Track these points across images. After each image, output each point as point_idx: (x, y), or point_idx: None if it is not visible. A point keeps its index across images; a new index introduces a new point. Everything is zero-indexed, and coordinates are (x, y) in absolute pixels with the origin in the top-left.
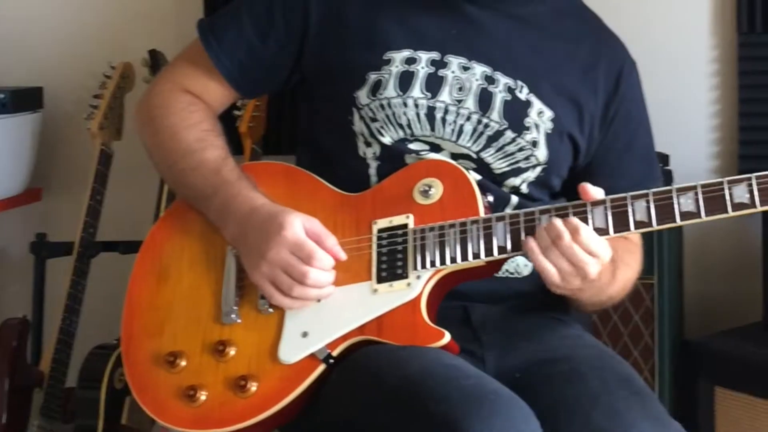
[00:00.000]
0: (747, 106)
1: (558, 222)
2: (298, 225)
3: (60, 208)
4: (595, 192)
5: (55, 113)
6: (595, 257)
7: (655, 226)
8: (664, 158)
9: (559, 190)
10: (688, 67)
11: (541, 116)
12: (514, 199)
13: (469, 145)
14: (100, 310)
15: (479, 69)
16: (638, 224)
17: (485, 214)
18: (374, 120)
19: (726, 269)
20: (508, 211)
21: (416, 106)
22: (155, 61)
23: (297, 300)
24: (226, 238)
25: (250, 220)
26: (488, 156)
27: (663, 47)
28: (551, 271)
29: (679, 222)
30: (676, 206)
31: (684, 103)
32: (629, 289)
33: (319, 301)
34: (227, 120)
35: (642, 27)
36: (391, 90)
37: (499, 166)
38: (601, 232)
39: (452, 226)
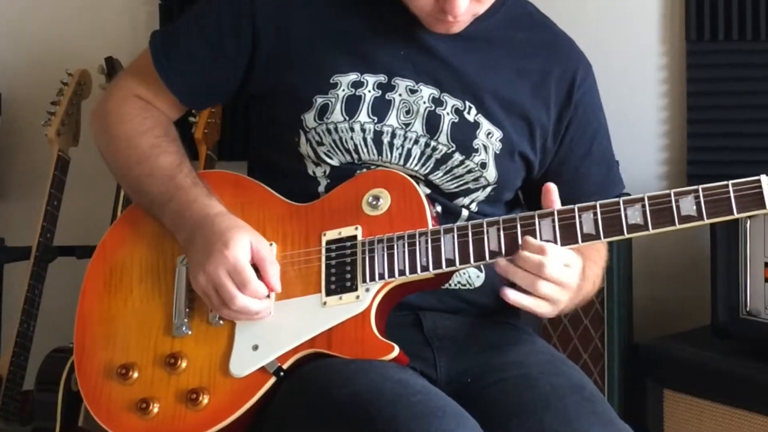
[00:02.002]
0: (695, 113)
1: (528, 255)
2: (243, 247)
3: (17, 213)
4: (557, 200)
5: (12, 119)
6: (563, 287)
7: (603, 239)
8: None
9: (513, 199)
10: (638, 74)
11: (489, 137)
12: (465, 213)
13: (417, 168)
14: (57, 313)
15: (427, 91)
16: (585, 237)
17: (433, 225)
18: (320, 144)
19: (674, 274)
20: (458, 223)
21: (363, 130)
22: (111, 69)
23: (228, 317)
24: (180, 243)
25: (200, 228)
26: (437, 179)
27: (613, 55)
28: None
29: (626, 235)
30: (623, 218)
31: (633, 110)
32: (599, 284)
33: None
34: (182, 126)
35: (591, 34)
36: (338, 114)
37: (448, 187)
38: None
39: (400, 238)
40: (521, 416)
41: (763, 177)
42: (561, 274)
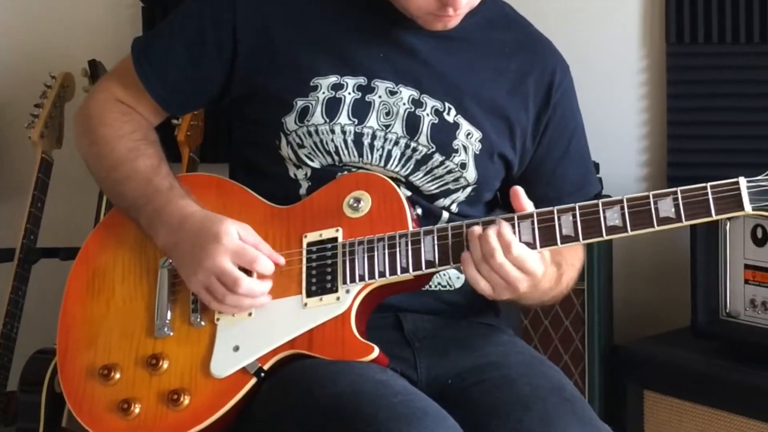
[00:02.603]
0: (675, 115)
1: (492, 237)
2: (234, 232)
3: (1, 215)
4: (526, 202)
5: None
6: (527, 274)
7: (582, 241)
8: (594, 166)
9: (493, 200)
10: (618, 76)
11: (469, 137)
12: (445, 214)
13: (397, 169)
14: (41, 315)
15: (406, 93)
16: (564, 238)
17: (414, 227)
18: (301, 146)
19: (655, 275)
20: (438, 225)
21: (344, 132)
22: (94, 72)
23: (231, 307)
24: (157, 247)
25: (182, 229)
26: (417, 180)
27: (593, 57)
28: (481, 284)
29: (605, 236)
30: (602, 220)
31: (614, 112)
32: (572, 287)
33: (250, 315)
34: (165, 128)
35: (572, 37)
36: (318, 117)
37: (428, 188)
38: (528, 246)
39: (381, 239)
40: (501, 417)
41: (741, 179)
42: (524, 260)
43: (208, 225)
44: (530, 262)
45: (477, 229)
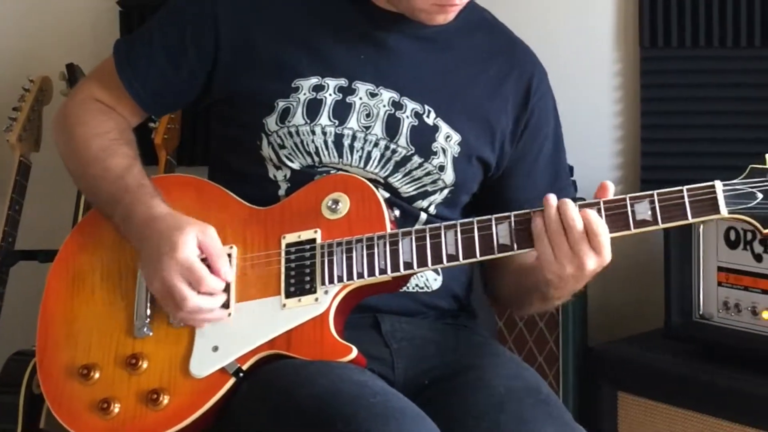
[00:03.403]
0: (649, 118)
1: (574, 209)
2: (190, 246)
3: None
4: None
5: None
6: (597, 254)
7: None
8: (569, 169)
9: (469, 202)
10: (592, 80)
11: (448, 140)
12: (423, 216)
13: (377, 171)
14: (19, 317)
15: (387, 95)
16: None
17: (391, 228)
18: (282, 147)
19: (628, 278)
20: (416, 226)
21: (324, 133)
22: (72, 75)
23: (183, 321)
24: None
25: (145, 232)
26: (396, 181)
27: (567, 61)
28: (547, 253)
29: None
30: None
31: (588, 116)
32: None
33: (229, 315)
34: (142, 131)
35: (546, 41)
36: (299, 118)
37: (406, 190)
38: (505, 248)
39: (359, 241)
40: (477, 417)
41: (717, 182)
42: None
43: (169, 232)
44: (605, 240)
45: (449, 236)
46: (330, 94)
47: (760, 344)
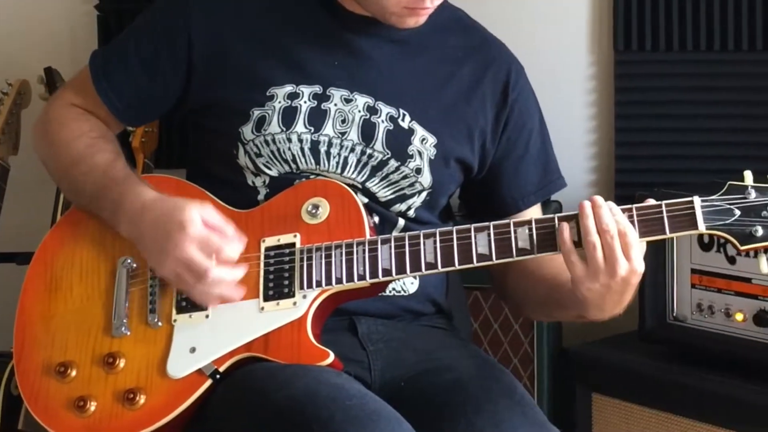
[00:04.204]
0: (623, 122)
1: (608, 214)
2: (198, 219)
3: None
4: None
5: None
6: (630, 262)
7: (537, 254)
8: None
9: (447, 206)
10: (567, 84)
11: (424, 143)
12: (401, 222)
13: (354, 176)
14: None
15: (361, 100)
16: (520, 251)
17: (371, 235)
18: (259, 155)
19: None
20: (395, 233)
21: (300, 140)
22: (51, 79)
23: (202, 295)
24: (122, 235)
25: (144, 218)
26: (373, 185)
27: (541, 64)
28: (578, 267)
29: (559, 250)
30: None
31: (562, 119)
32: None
33: (207, 317)
34: (120, 135)
35: (520, 44)
36: (275, 126)
37: (384, 194)
38: (484, 258)
39: (338, 246)
40: (453, 419)
41: (695, 198)
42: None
43: (171, 212)
44: (637, 251)
45: (428, 245)
46: (305, 102)
47: (733, 346)
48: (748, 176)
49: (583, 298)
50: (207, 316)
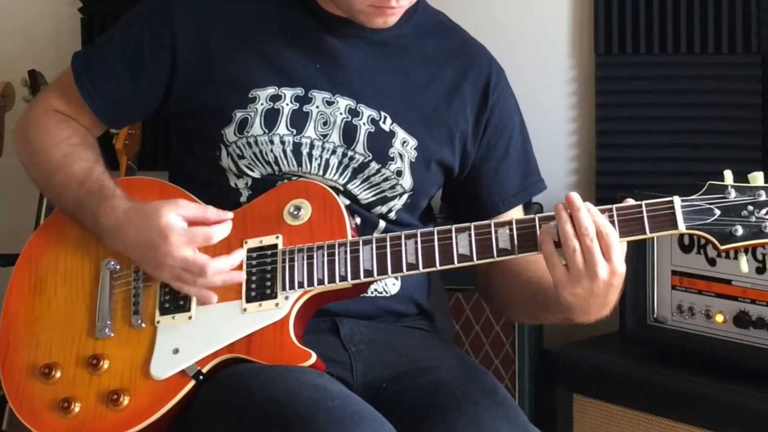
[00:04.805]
0: (604, 124)
1: (587, 215)
2: (176, 220)
3: None
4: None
5: None
6: (609, 263)
7: (518, 254)
8: None
9: (428, 208)
10: (548, 87)
11: (405, 145)
12: (382, 224)
13: (335, 178)
14: None
15: (343, 102)
16: (501, 252)
17: (353, 236)
18: (241, 157)
19: None
20: (376, 235)
21: (282, 143)
22: (34, 81)
23: (205, 290)
24: (108, 249)
25: (123, 232)
26: (354, 187)
27: (523, 67)
28: (559, 269)
29: (539, 250)
30: (538, 234)
31: (543, 122)
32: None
33: (190, 318)
34: (103, 137)
35: (502, 47)
36: (257, 128)
37: (365, 196)
38: (465, 258)
39: (320, 248)
40: (434, 420)
41: (675, 198)
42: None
43: (148, 223)
44: (617, 252)
45: (409, 246)
46: (287, 104)
47: (713, 347)
48: (728, 176)
49: (567, 302)
50: (190, 318)
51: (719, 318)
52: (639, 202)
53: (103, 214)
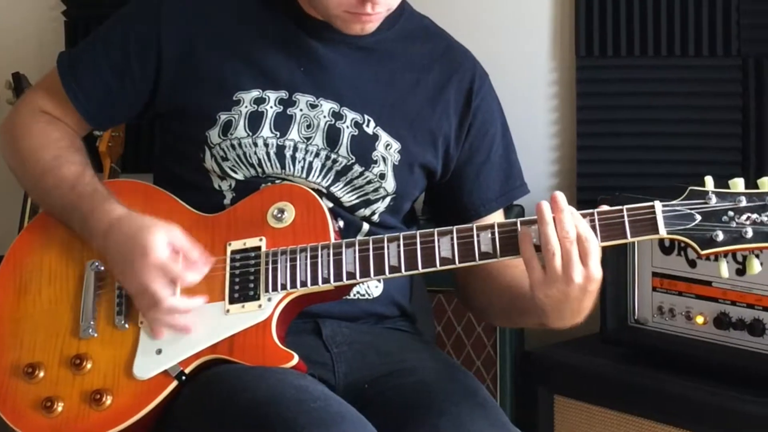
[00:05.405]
0: (585, 126)
1: (570, 220)
2: (161, 246)
3: None
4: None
5: None
6: (586, 268)
7: (500, 257)
8: None
9: (411, 210)
10: (529, 89)
11: (388, 149)
12: (365, 226)
13: (318, 180)
14: None
15: (327, 106)
16: (483, 255)
17: (336, 239)
18: (225, 159)
19: None
20: (359, 237)
21: (266, 145)
22: (18, 84)
23: (153, 321)
24: (94, 250)
25: (110, 237)
26: (338, 190)
27: (504, 70)
28: (537, 271)
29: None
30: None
31: (525, 124)
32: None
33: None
34: (87, 139)
35: (483, 50)
36: (241, 130)
37: (348, 199)
38: (447, 261)
39: (303, 250)
40: (416, 421)
41: (656, 203)
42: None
43: (136, 234)
44: (595, 259)
45: (392, 248)
46: (271, 107)
47: (693, 348)
48: (709, 182)
49: (541, 305)
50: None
51: (700, 319)
52: (620, 207)
53: (96, 217)
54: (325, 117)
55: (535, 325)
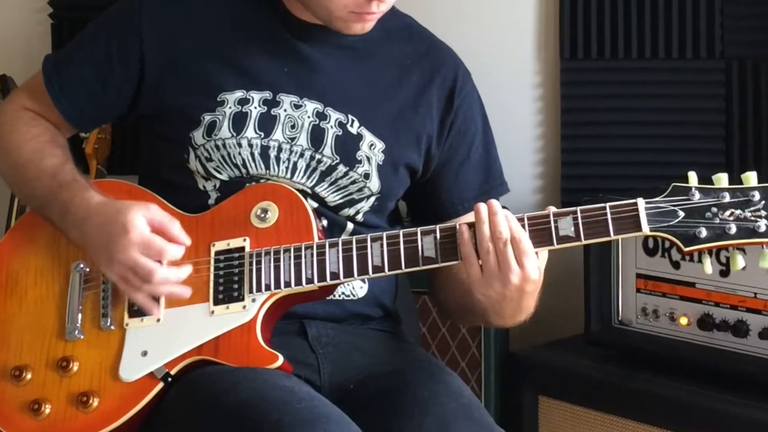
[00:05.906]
0: (569, 129)
1: (503, 222)
2: (141, 222)
3: None
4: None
5: None
6: (522, 270)
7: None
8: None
9: (395, 210)
10: (513, 91)
11: (372, 148)
12: (350, 225)
13: (303, 181)
14: None
15: (311, 106)
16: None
17: (319, 238)
18: (209, 160)
19: (549, 284)
20: (343, 237)
21: (250, 146)
22: (5, 86)
23: (149, 296)
24: (71, 241)
25: (89, 221)
26: (322, 190)
27: (488, 72)
28: (474, 268)
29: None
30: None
31: (509, 126)
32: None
33: (159, 320)
34: (73, 141)
35: (467, 52)
36: (225, 131)
37: (333, 199)
38: (430, 261)
39: (287, 250)
40: (401, 421)
41: (639, 200)
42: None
43: (114, 215)
44: (531, 260)
45: (375, 248)
46: (255, 107)
47: (677, 349)
48: (693, 177)
49: (480, 304)
50: (158, 320)
51: (683, 320)
52: (603, 204)
53: (75, 203)
54: (309, 117)
55: (483, 324)
